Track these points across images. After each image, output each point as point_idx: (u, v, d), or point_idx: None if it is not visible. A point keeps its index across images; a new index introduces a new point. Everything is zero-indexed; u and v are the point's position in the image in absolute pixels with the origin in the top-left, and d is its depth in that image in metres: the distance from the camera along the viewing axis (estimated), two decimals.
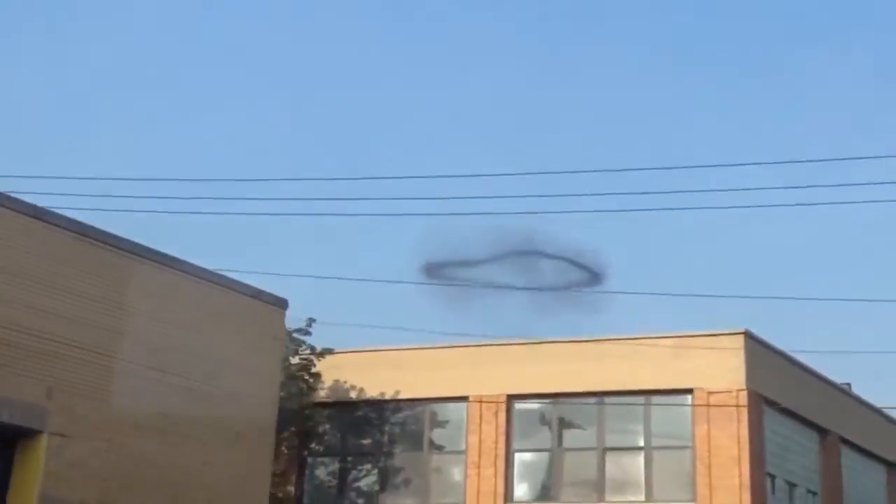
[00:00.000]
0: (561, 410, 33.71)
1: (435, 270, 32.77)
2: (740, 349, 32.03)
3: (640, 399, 32.84)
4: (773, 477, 33.24)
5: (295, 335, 33.59)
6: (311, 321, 33.77)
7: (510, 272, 28.48)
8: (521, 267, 29.85)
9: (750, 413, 31.50)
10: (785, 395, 34.09)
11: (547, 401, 33.92)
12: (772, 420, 33.52)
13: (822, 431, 36.75)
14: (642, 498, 31.98)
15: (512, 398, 34.13)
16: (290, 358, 33.42)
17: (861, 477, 39.95)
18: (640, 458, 32.44)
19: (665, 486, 32.01)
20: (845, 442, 38.35)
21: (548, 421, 33.80)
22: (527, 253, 29.21)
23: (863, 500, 39.65)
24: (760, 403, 32.30)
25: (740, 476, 30.93)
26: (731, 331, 32.31)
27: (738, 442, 31.24)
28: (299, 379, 33.59)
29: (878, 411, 42.46)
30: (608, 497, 32.34)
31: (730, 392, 31.70)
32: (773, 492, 33.14)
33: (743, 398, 31.57)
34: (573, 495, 32.77)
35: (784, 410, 34.13)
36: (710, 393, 31.88)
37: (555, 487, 33.05)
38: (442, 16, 74.94)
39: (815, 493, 35.84)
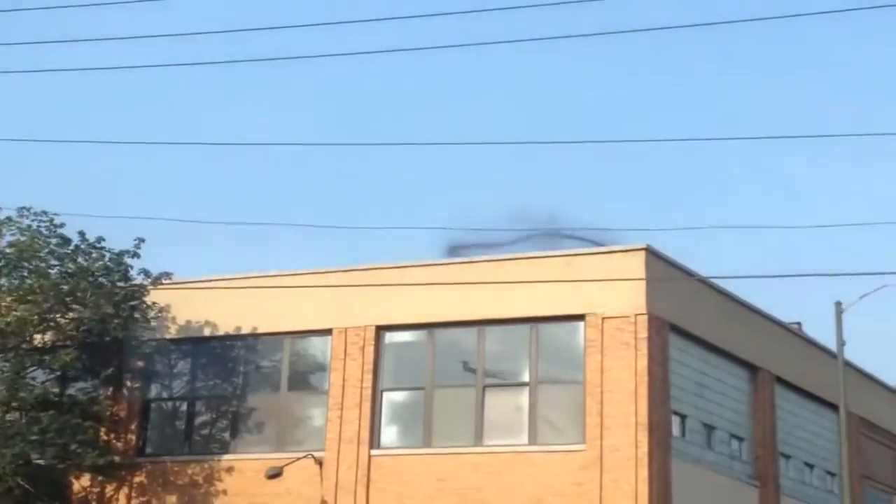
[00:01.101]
0: (437, 342, 29.82)
1: (459, 252, 31.42)
2: (640, 268, 28.10)
3: (526, 328, 28.97)
4: (683, 417, 29.39)
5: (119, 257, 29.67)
6: (139, 242, 29.82)
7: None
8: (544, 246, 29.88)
9: (651, 342, 27.65)
10: (702, 324, 30.24)
11: (421, 331, 30.02)
12: (683, 352, 29.70)
13: (753, 369, 32.89)
14: (525, 441, 28.22)
15: (381, 329, 30.33)
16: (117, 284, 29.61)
17: (805, 423, 36.08)
18: (525, 396, 28.63)
19: (552, 427, 28.23)
20: (783, 382, 34.45)
21: (421, 355, 29.90)
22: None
23: (806, 449, 35.80)
24: (665, 331, 28.43)
25: (636, 414, 27.07)
26: (629, 247, 28.38)
27: (636, 375, 27.42)
28: (128, 310, 29.65)
29: (825, 350, 38.51)
30: (487, 441, 28.56)
31: (627, 317, 27.83)
32: (683, 434, 29.31)
33: (642, 324, 27.73)
34: (448, 440, 28.99)
35: (700, 341, 30.24)
36: (604, 318, 28.00)
37: (427, 431, 29.19)
38: None
39: (740, 439, 31.96)
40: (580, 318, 28.39)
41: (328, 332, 30.66)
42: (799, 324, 43.06)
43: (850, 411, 38.72)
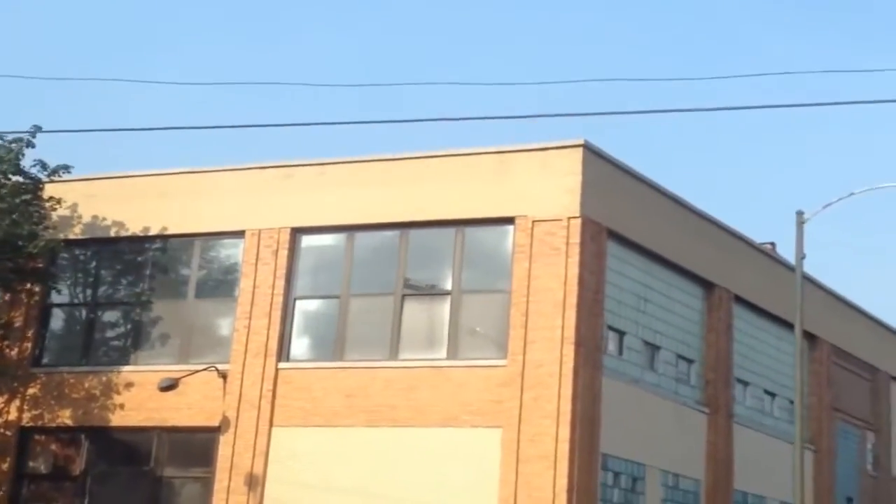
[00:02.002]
0: (356, 247, 27.86)
1: None
2: (576, 166, 26.02)
3: (452, 231, 26.97)
4: (621, 333, 27.45)
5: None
6: (35, 129, 27.73)
7: None
8: None
9: (583, 248, 25.63)
10: (647, 232, 28.21)
11: (339, 235, 28.05)
12: (624, 262, 27.72)
13: (707, 285, 30.88)
14: (444, 355, 26.31)
15: (297, 232, 28.39)
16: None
17: (767, 348, 34.14)
18: (446, 306, 26.65)
19: (473, 340, 26.28)
20: (742, 302, 32.45)
21: (339, 260, 27.94)
22: None
23: (767, 376, 33.89)
24: (603, 238, 26.40)
25: (563, 327, 25.10)
26: (565, 143, 26.28)
27: (565, 284, 25.42)
28: (20, 205, 27.66)
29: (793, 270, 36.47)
30: (403, 354, 26.68)
31: (558, 221, 25.80)
32: (620, 352, 27.38)
33: (575, 229, 25.72)
34: (361, 352, 27.14)
35: (644, 251, 28.23)
36: (534, 222, 25.98)
37: (339, 344, 27.30)
38: None
39: (689, 361, 30.01)
40: (509, 221, 26.38)
41: (241, 234, 28.75)
42: (773, 244, 41.14)
43: (822, 339, 36.93)
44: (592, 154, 26.37)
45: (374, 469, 26.01)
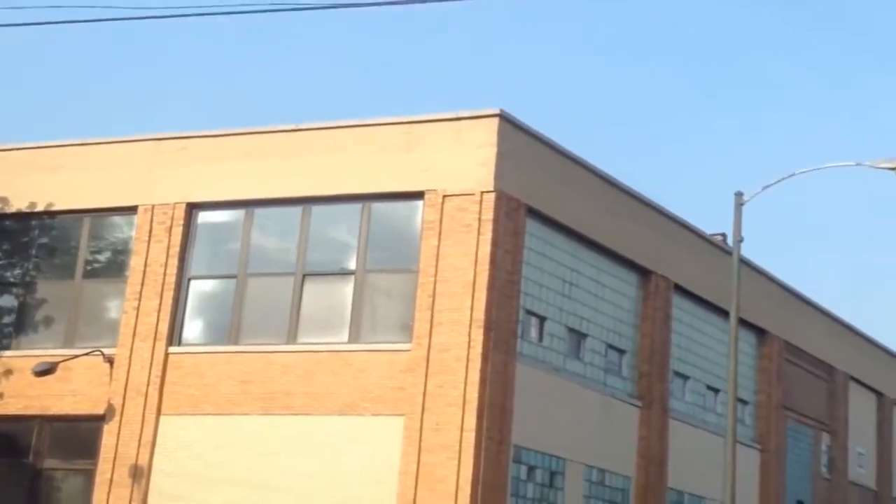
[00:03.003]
0: (255, 223, 26.50)
1: None
2: (491, 137, 24.65)
3: (357, 207, 25.64)
4: (541, 318, 26.07)
5: None
6: None
7: None
8: None
9: (497, 225, 24.25)
10: (573, 212, 26.88)
11: (238, 210, 26.66)
12: (546, 243, 26.39)
13: (643, 272, 29.54)
14: (345, 339, 24.91)
15: (194, 208, 26.99)
16: None
17: (711, 342, 32.81)
18: (349, 287, 25.24)
19: (377, 322, 24.92)
20: (683, 291, 31.13)
21: (237, 238, 26.55)
22: None
23: (710, 370, 32.55)
24: (521, 215, 25.04)
25: (472, 309, 23.72)
26: (479, 112, 24.92)
27: (476, 263, 24.03)
28: None
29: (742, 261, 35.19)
30: (302, 338, 25.30)
31: (471, 195, 24.43)
32: (540, 338, 25.99)
33: (489, 204, 24.32)
34: (258, 336, 25.72)
35: (570, 232, 26.89)
36: (445, 196, 24.60)
37: (235, 326, 25.88)
38: None
39: (621, 351, 28.65)
40: (419, 195, 25.00)
41: (133, 210, 27.34)
42: (724, 235, 39.84)
43: (773, 334, 35.65)
44: (509, 124, 25.00)
45: (267, 460, 24.61)
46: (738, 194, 27.38)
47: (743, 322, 34.25)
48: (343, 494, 23.72)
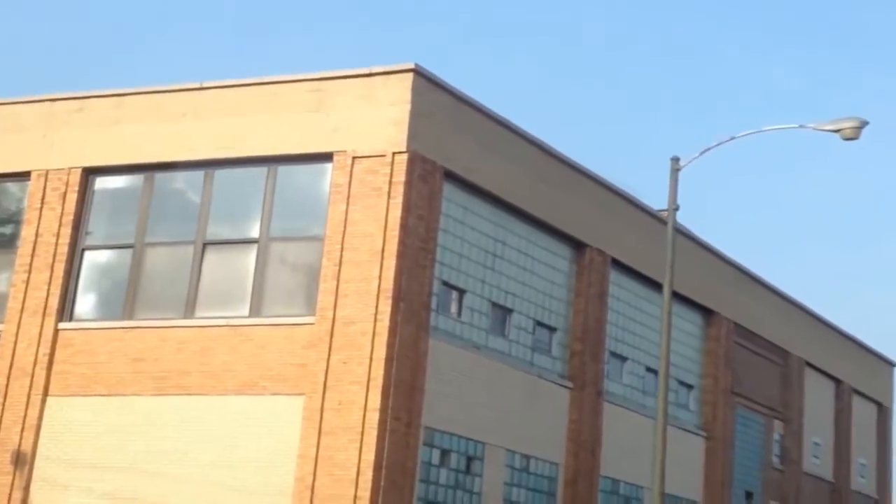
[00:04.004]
0: (156, 189, 24.99)
1: None
2: (404, 94, 23.17)
3: (262, 170, 24.10)
4: (460, 291, 24.62)
5: None
6: None
7: None
8: None
9: (409, 188, 22.78)
10: (497, 177, 25.43)
11: (137, 176, 25.14)
12: (466, 210, 24.96)
13: (577, 245, 28.12)
14: (246, 313, 23.39)
15: (90, 173, 25.45)
16: None
17: (655, 322, 31.38)
18: (252, 256, 23.74)
19: (280, 294, 23.41)
20: (622, 267, 29.72)
21: (135, 205, 25.01)
22: None
23: (653, 353, 31.14)
24: (437, 178, 23.60)
25: (381, 279, 22.23)
26: (392, 67, 23.43)
27: (385, 229, 22.54)
28: None
29: (689, 237, 33.85)
30: (200, 312, 23.84)
31: (382, 157, 22.94)
32: (458, 312, 24.55)
33: (400, 166, 22.83)
34: (154, 311, 24.18)
35: (493, 199, 25.45)
36: (355, 158, 23.12)
37: (130, 300, 24.36)
38: None
39: (551, 329, 27.22)
40: (327, 157, 23.54)
41: (26, 175, 25.79)
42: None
43: (722, 315, 34.33)
44: (425, 81, 23.54)
45: (159, 444, 23.15)
46: (675, 159, 25.82)
47: (688, 301, 33.02)
48: (238, 481, 22.26)
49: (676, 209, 25.60)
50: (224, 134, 24.35)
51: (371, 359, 21.90)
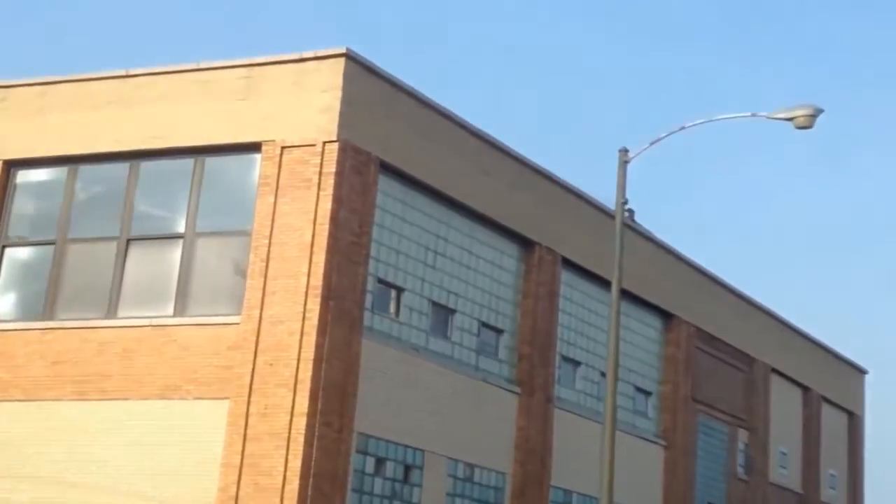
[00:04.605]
0: (79, 183, 23.99)
1: None
2: (335, 80, 22.19)
3: (189, 162, 23.09)
4: (398, 290, 23.63)
5: None
6: None
7: None
8: None
9: (340, 179, 21.80)
10: (437, 170, 24.47)
11: (60, 168, 24.13)
12: (406, 205, 24.00)
13: (524, 242, 27.17)
14: (170, 312, 22.33)
15: (12, 166, 24.47)
16: None
17: (605, 322, 30.37)
18: (177, 252, 22.71)
19: (205, 293, 22.39)
20: (573, 266, 28.79)
21: (58, 199, 23.97)
22: None
23: (605, 353, 30.10)
24: (371, 169, 22.63)
25: (310, 275, 21.22)
26: (323, 52, 22.47)
27: (315, 223, 21.55)
28: None
29: (645, 236, 32.95)
30: (123, 312, 22.86)
31: (312, 146, 21.96)
32: (396, 312, 23.55)
33: (331, 155, 21.84)
34: (75, 311, 23.16)
35: (433, 192, 24.49)
36: (284, 148, 22.12)
37: (50, 300, 23.30)
38: None
39: (498, 331, 26.24)
40: (256, 147, 22.52)
41: None
42: (631, 211, 37.58)
43: (682, 319, 33.41)
44: (358, 66, 22.59)
45: (79, 452, 22.11)
46: (623, 150, 24.87)
47: (647, 305, 32.12)
48: (159, 491, 21.21)
49: (625, 203, 24.59)
50: (151, 123, 23.37)
51: (299, 360, 20.88)
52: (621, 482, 29.58)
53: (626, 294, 31.05)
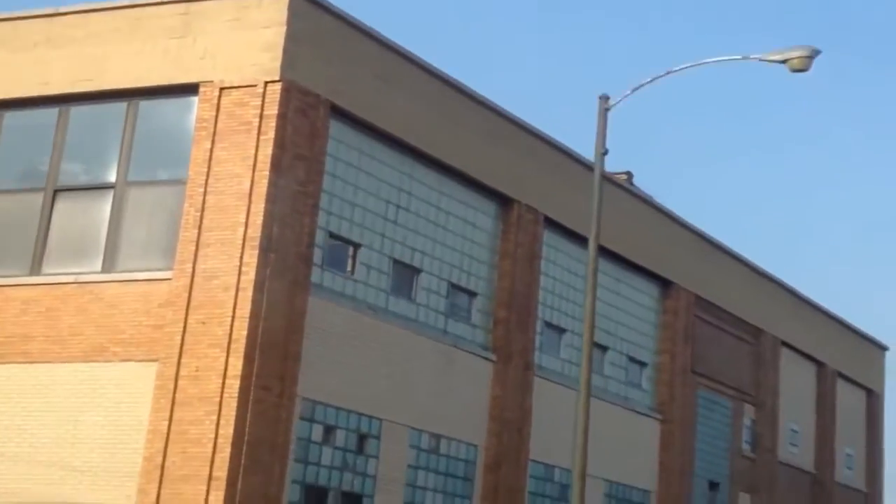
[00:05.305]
0: (5, 129, 22.23)
1: None
2: (279, 15, 20.36)
3: (122, 106, 21.30)
4: (353, 245, 21.77)
5: None
6: None
7: None
8: None
9: (284, 122, 19.94)
10: (396, 116, 22.54)
11: None
12: (363, 153, 22.13)
13: (503, 200, 25.31)
14: (98, 268, 20.57)
15: None
16: None
17: (604, 293, 28.51)
18: (107, 204, 20.97)
19: (136, 247, 20.61)
20: (558, 227, 26.88)
21: None
22: None
23: (602, 326, 28.26)
24: (321, 114, 20.79)
25: (247, 226, 19.39)
26: None
27: (254, 169, 19.72)
28: None
29: (641, 199, 31.00)
30: (48, 268, 21.15)
31: (252, 87, 20.12)
32: (352, 270, 21.67)
33: (273, 96, 20.01)
34: None
35: (394, 141, 22.59)
36: (222, 89, 20.28)
37: None
38: None
39: (471, 293, 24.37)
40: (193, 89, 20.68)
41: None
42: (629, 174, 35.66)
43: (682, 286, 31.44)
44: (306, 1, 20.69)
45: None
46: (603, 97, 22.88)
47: (643, 271, 30.20)
48: (80, 461, 19.47)
49: (605, 153, 22.57)
50: (81, 65, 21.61)
51: (233, 318, 19.08)
52: (613, 457, 27.84)
53: (620, 260, 29.28)
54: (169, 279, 19.72)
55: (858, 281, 71.18)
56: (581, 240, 27.39)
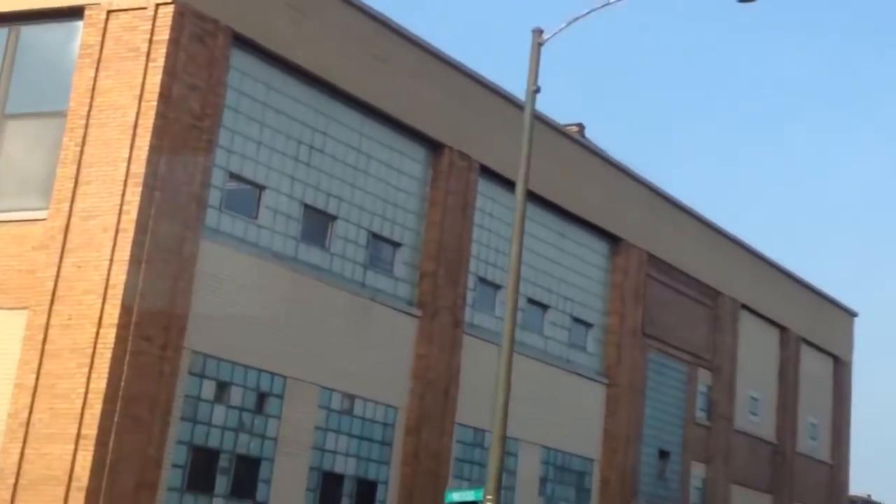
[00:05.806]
0: None
1: None
2: None
3: (2, 32, 19.52)
4: (258, 188, 19.99)
5: None
6: None
7: None
8: None
9: (176, 48, 18.14)
10: (322, 54, 20.80)
11: None
12: (272, 89, 20.35)
13: (433, 145, 23.78)
14: None
15: None
16: None
17: (548, 250, 26.83)
18: None
19: (11, 184, 18.93)
20: (496, 177, 25.19)
21: None
22: None
23: (544, 284, 26.57)
24: (220, 42, 19.05)
25: (130, 162, 17.58)
26: None
27: (141, 100, 17.87)
28: None
29: (586, 148, 29.24)
30: None
31: (142, 10, 18.31)
32: (254, 215, 19.87)
33: (165, 21, 18.20)
34: None
35: (312, 79, 20.77)
36: (110, 13, 18.46)
37: None
38: None
39: (395, 243, 22.68)
40: (78, 13, 18.81)
41: None
42: (580, 126, 33.94)
43: (633, 244, 29.71)
44: None
45: None
46: (537, 31, 21.03)
47: (591, 226, 28.46)
48: None
49: (537, 91, 20.74)
50: None
51: (112, 261, 17.29)
52: (552, 423, 26.17)
53: (565, 214, 27.57)
54: (44, 219, 17.91)
55: (829, 245, 69.43)
56: (535, 198, 25.72)
